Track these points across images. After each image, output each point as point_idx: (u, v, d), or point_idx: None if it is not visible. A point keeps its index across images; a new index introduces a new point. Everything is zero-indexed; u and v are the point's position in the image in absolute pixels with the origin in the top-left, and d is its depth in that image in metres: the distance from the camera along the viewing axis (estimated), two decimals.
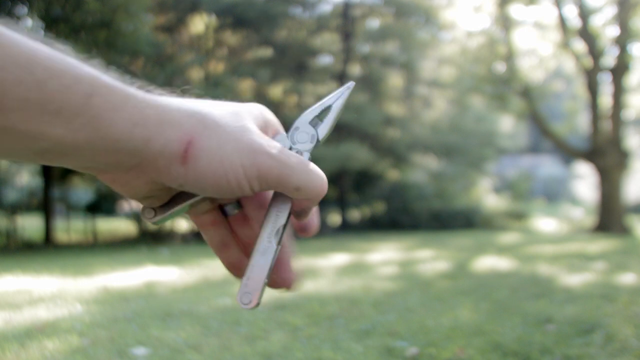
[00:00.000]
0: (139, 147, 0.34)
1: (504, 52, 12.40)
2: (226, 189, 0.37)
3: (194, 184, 0.36)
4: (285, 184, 0.38)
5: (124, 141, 0.33)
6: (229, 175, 0.36)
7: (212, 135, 0.36)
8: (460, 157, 13.82)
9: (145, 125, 0.34)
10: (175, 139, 0.35)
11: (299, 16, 13.44)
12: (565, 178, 26.69)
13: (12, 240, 9.55)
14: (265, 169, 0.37)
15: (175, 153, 0.35)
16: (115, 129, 0.32)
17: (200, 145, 0.36)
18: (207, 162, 0.36)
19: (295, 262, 0.44)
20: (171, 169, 0.35)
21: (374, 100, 13.41)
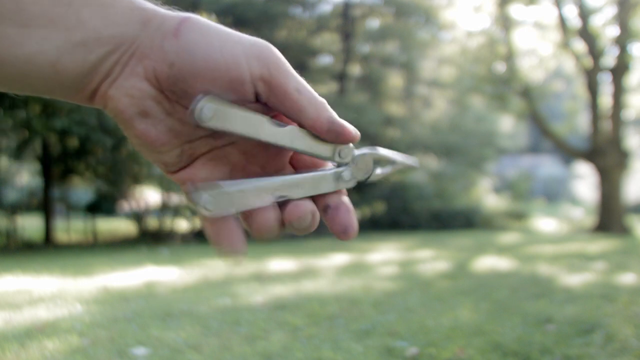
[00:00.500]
0: (137, 29, 0.35)
1: (504, 52, 12.40)
2: (219, 66, 0.35)
3: (185, 60, 0.35)
4: (287, 77, 0.36)
5: (124, 24, 0.35)
6: (225, 48, 0.35)
7: (210, 22, 0.36)
8: (460, 157, 13.82)
9: (144, 8, 0.35)
10: (171, 17, 0.36)
11: (299, 16, 13.44)
12: (565, 178, 26.69)
13: (12, 240, 9.55)
14: (266, 52, 0.36)
15: (170, 28, 0.35)
16: (118, 14, 0.34)
17: (195, 21, 0.36)
18: (200, 34, 0.35)
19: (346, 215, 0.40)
20: (164, 44, 0.35)
21: (374, 100, 13.41)
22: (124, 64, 0.35)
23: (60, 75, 0.34)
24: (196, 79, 0.35)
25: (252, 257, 6.23)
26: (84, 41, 0.34)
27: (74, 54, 0.34)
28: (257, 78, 0.36)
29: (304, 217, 0.38)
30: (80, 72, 0.35)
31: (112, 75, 0.36)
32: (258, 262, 5.64)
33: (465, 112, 14.80)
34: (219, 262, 5.81)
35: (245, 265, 5.52)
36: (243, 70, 0.35)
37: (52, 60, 0.33)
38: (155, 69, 0.35)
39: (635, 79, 12.41)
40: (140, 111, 0.36)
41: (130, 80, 0.36)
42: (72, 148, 10.12)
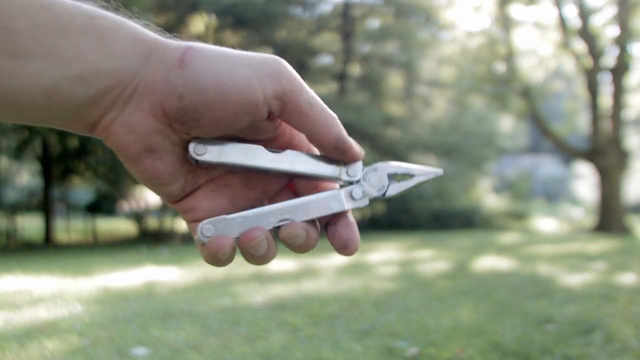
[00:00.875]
0: (139, 63, 0.34)
1: (504, 52, 12.40)
2: (231, 92, 0.34)
3: (194, 90, 0.34)
4: (300, 92, 0.36)
5: (125, 57, 0.33)
6: (234, 73, 0.34)
7: (214, 47, 0.35)
8: (460, 157, 13.80)
9: (146, 41, 0.34)
10: (174, 47, 0.34)
11: (299, 16, 13.44)
12: (565, 178, 26.68)
13: (12, 240, 9.55)
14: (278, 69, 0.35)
15: (173, 59, 0.34)
16: (118, 47, 0.33)
17: (200, 49, 0.35)
18: (207, 62, 0.34)
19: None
20: (170, 77, 0.34)
21: (374, 100, 13.41)
22: (127, 99, 0.34)
23: (55, 106, 0.33)
24: (208, 107, 0.34)
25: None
26: (81, 75, 0.32)
27: (70, 87, 0.32)
28: (271, 97, 0.35)
29: (295, 234, 0.38)
30: (78, 105, 0.33)
31: (114, 111, 0.34)
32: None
33: (465, 112, 14.79)
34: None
35: (245, 265, 5.52)
36: (256, 92, 0.34)
37: (47, 92, 0.32)
38: (163, 103, 0.34)
39: (635, 79, 12.41)
40: (146, 147, 0.35)
41: (134, 116, 0.34)
42: (72, 148, 10.12)
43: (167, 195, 0.38)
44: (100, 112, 0.34)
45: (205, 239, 0.36)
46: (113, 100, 0.34)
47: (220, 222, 0.37)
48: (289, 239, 0.38)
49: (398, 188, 0.42)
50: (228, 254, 0.37)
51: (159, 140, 0.35)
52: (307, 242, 0.38)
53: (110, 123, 0.35)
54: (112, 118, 0.34)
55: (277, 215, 0.38)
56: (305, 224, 0.38)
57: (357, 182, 0.40)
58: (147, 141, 0.35)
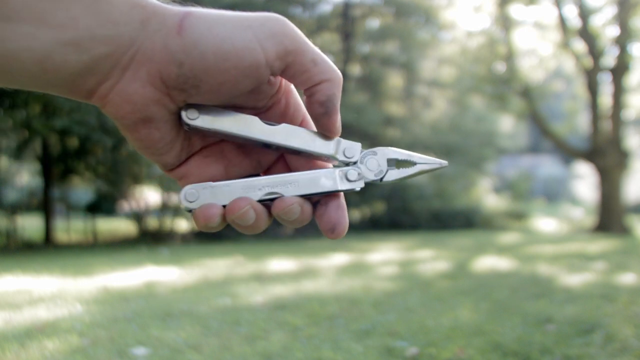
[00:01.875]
0: (136, 30, 0.32)
1: (504, 52, 12.40)
2: (231, 56, 0.33)
3: (194, 56, 0.33)
4: (303, 50, 0.35)
5: (122, 24, 0.32)
6: (234, 37, 0.33)
7: (212, 11, 0.34)
8: (460, 157, 13.80)
9: (143, 6, 0.33)
10: (172, 13, 0.33)
11: (299, 16, 13.44)
12: (565, 178, 26.68)
13: (12, 240, 9.55)
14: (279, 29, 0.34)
15: (172, 25, 0.33)
16: (114, 12, 0.32)
17: (198, 15, 0.34)
18: (207, 28, 0.33)
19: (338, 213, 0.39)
20: (168, 43, 0.33)
21: (374, 100, 13.40)
22: (124, 67, 0.33)
23: (48, 73, 0.32)
24: (208, 73, 0.33)
25: (252, 257, 6.23)
26: (75, 40, 0.31)
27: (64, 54, 0.31)
28: (274, 58, 0.34)
29: (289, 209, 0.37)
30: (72, 72, 0.32)
31: (111, 79, 0.33)
32: (258, 262, 5.64)
33: (465, 112, 14.79)
34: (219, 262, 5.81)
35: (245, 265, 5.52)
36: (257, 55, 0.34)
37: (39, 58, 0.31)
38: (162, 71, 0.33)
39: (635, 79, 12.42)
40: (143, 117, 0.35)
41: (132, 85, 0.33)
42: (72, 148, 10.12)
43: (163, 163, 0.38)
44: (96, 80, 0.33)
45: (188, 203, 0.36)
46: (110, 68, 0.33)
47: (205, 189, 0.37)
48: (283, 214, 0.37)
49: (397, 174, 0.41)
50: (217, 223, 0.36)
51: (156, 110, 0.35)
52: (302, 217, 0.38)
53: (107, 91, 0.34)
54: (109, 86, 0.34)
55: (266, 187, 0.37)
56: (299, 199, 0.38)
57: (354, 164, 0.40)
58: (144, 111, 0.35)
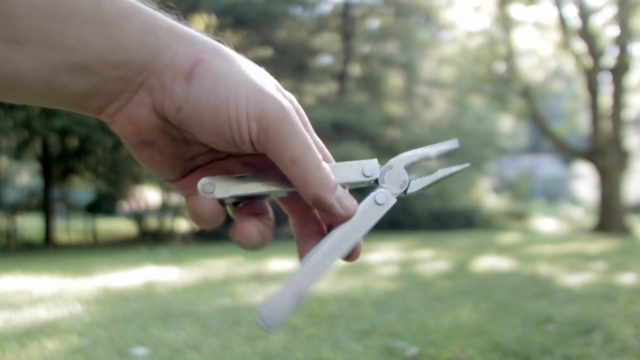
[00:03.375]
0: (148, 58, 0.32)
1: (504, 52, 12.40)
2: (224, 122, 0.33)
3: (192, 108, 0.33)
4: (284, 144, 0.34)
5: (133, 51, 0.32)
6: (230, 103, 0.33)
7: (224, 62, 0.34)
8: (460, 157, 13.77)
9: (157, 35, 0.32)
10: (186, 53, 0.33)
11: (299, 16, 13.43)
12: (565, 178, 26.68)
13: (12, 240, 9.55)
14: (270, 113, 0.33)
15: (183, 68, 0.33)
16: (126, 37, 0.31)
17: (210, 65, 0.33)
18: (212, 84, 0.33)
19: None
20: (175, 86, 0.33)
21: (374, 100, 13.40)
22: (133, 91, 0.33)
23: (55, 93, 0.32)
24: (200, 129, 0.34)
25: (252, 257, 6.23)
26: (84, 63, 0.31)
27: (71, 76, 0.31)
28: (255, 139, 0.34)
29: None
30: (79, 92, 0.32)
31: (119, 101, 0.33)
32: (258, 262, 5.64)
33: (465, 112, 14.79)
34: (219, 262, 5.81)
35: (245, 265, 5.52)
36: (243, 131, 0.33)
37: (46, 80, 0.31)
38: (164, 106, 0.33)
39: (635, 79, 12.42)
40: (146, 140, 0.35)
41: (137, 110, 0.34)
42: (72, 148, 10.12)
43: (165, 178, 0.39)
44: (104, 101, 0.33)
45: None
46: (118, 90, 0.33)
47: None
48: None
49: (420, 184, 0.40)
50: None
51: (158, 136, 0.35)
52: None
53: (114, 112, 0.34)
54: (116, 107, 0.34)
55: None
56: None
57: (377, 184, 0.39)
58: (147, 135, 0.35)
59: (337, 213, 0.37)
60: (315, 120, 13.27)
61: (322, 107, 11.82)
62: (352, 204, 0.38)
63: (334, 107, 11.75)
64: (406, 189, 0.39)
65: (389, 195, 0.39)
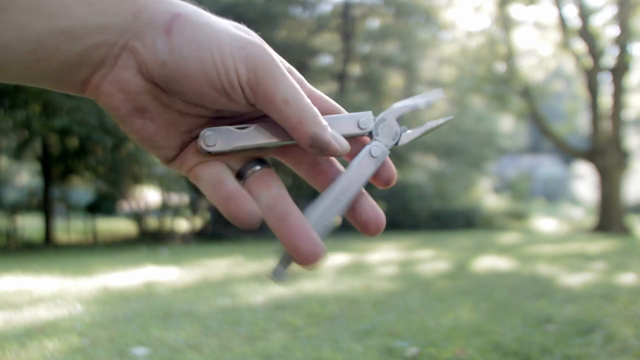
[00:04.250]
0: (127, 20, 0.33)
1: (504, 52, 12.40)
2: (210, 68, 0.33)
3: (177, 60, 0.33)
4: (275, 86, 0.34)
5: (113, 14, 0.32)
6: (214, 49, 0.33)
7: (203, 15, 0.34)
8: (460, 157, 13.81)
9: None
10: (163, 10, 0.34)
11: (299, 16, 13.43)
12: (565, 178, 26.68)
13: (12, 240, 9.55)
14: (255, 56, 0.34)
15: (162, 23, 0.33)
16: (106, 2, 0.32)
17: (189, 18, 0.34)
18: (192, 33, 0.33)
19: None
20: (156, 42, 0.33)
21: (374, 100, 13.41)
22: (116, 56, 0.33)
23: (41, 63, 0.32)
24: (189, 80, 0.33)
25: (252, 257, 6.23)
26: (68, 30, 0.31)
27: (57, 43, 0.31)
28: (245, 83, 0.34)
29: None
30: (65, 62, 0.32)
31: (103, 68, 0.34)
32: (258, 262, 5.64)
33: (465, 112, 14.79)
34: (219, 262, 5.81)
35: (245, 265, 5.52)
36: (231, 75, 0.33)
37: (32, 49, 0.31)
38: (147, 65, 0.33)
39: (635, 79, 12.42)
40: (137, 107, 0.35)
41: (123, 74, 0.34)
42: (72, 148, 10.12)
43: (163, 157, 0.38)
44: (89, 70, 0.34)
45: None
46: (102, 57, 0.33)
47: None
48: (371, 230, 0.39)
49: (410, 136, 0.41)
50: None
51: (149, 99, 0.35)
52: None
53: (100, 81, 0.34)
54: (101, 76, 0.34)
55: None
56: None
57: (369, 134, 0.40)
58: (137, 100, 0.35)
59: (334, 150, 0.36)
60: None
61: None
62: (345, 141, 0.38)
63: None
64: (398, 141, 0.41)
65: (383, 148, 0.40)
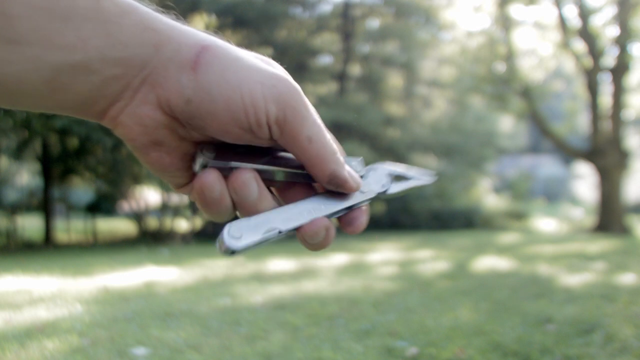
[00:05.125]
0: (149, 53, 0.32)
1: (504, 52, 12.40)
2: (239, 108, 0.32)
3: (203, 98, 0.32)
4: (301, 124, 0.34)
5: (133, 47, 0.31)
6: (244, 89, 0.32)
7: (230, 49, 0.34)
8: (460, 157, 13.80)
9: (156, 29, 0.32)
10: (188, 44, 0.33)
11: (299, 16, 13.43)
12: (565, 178, 26.68)
13: (12, 240, 9.55)
14: (286, 94, 0.33)
15: (187, 58, 0.32)
16: (125, 34, 0.31)
17: (215, 53, 0.33)
18: (221, 71, 0.32)
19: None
20: (181, 78, 0.32)
21: (374, 100, 13.41)
22: (135, 89, 0.33)
23: (57, 94, 0.31)
24: (213, 117, 0.33)
25: (252, 257, 6.23)
26: (84, 62, 0.30)
27: (72, 75, 0.31)
28: (273, 121, 0.34)
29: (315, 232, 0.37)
30: (81, 93, 0.32)
31: (122, 101, 0.33)
32: (258, 262, 5.63)
33: (465, 112, 14.79)
34: (218, 262, 5.81)
35: (245, 265, 5.52)
36: (261, 115, 0.33)
37: (47, 80, 0.30)
38: (170, 101, 0.33)
39: (635, 79, 12.41)
40: (153, 141, 0.35)
41: (142, 108, 0.33)
42: (72, 148, 10.12)
43: (175, 184, 0.38)
44: (107, 102, 0.33)
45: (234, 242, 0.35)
46: (120, 89, 0.32)
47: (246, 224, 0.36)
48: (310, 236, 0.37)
49: (397, 188, 0.43)
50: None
51: (166, 134, 0.34)
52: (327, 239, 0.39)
53: (118, 113, 0.33)
54: (120, 108, 0.33)
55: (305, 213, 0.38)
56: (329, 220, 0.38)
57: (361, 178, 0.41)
58: (154, 134, 0.34)
59: (350, 187, 0.38)
60: None
61: (322, 107, 11.81)
62: (359, 179, 0.39)
63: (334, 107, 11.75)
64: (386, 190, 0.42)
65: (372, 188, 0.41)
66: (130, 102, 0.33)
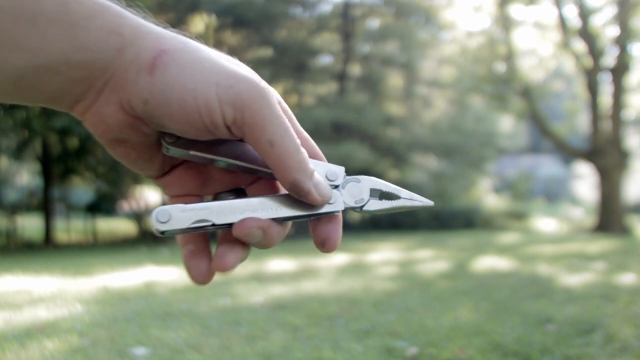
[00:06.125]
0: (112, 57, 0.32)
1: (504, 52, 12.40)
2: (192, 110, 0.32)
3: (158, 100, 0.32)
4: (262, 127, 0.33)
5: (97, 50, 0.32)
6: (198, 90, 0.32)
7: (190, 52, 0.33)
8: (460, 157, 13.80)
9: (121, 33, 0.32)
10: (148, 47, 0.33)
11: (299, 16, 13.44)
12: (565, 178, 26.68)
13: (12, 240, 9.55)
14: (245, 95, 0.32)
15: (145, 61, 0.32)
16: (91, 37, 0.31)
17: (173, 56, 0.33)
18: (176, 74, 0.32)
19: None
20: (139, 79, 0.32)
21: (374, 100, 13.40)
22: (98, 91, 0.33)
23: (23, 92, 0.32)
24: (170, 119, 0.33)
25: (252, 257, 6.22)
26: (48, 64, 0.31)
27: (37, 76, 0.31)
28: (230, 123, 0.33)
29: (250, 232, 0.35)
30: (47, 92, 0.32)
31: (86, 100, 0.34)
32: (258, 262, 5.63)
33: (465, 112, 14.79)
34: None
35: (245, 265, 5.52)
36: (216, 117, 0.33)
37: (12, 80, 0.31)
38: (131, 102, 0.33)
39: (635, 79, 12.41)
40: (118, 138, 0.35)
41: (106, 108, 0.34)
42: (72, 148, 10.12)
43: (146, 174, 0.39)
44: (72, 99, 0.34)
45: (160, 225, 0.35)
46: (84, 90, 0.33)
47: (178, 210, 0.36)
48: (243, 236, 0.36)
49: (378, 205, 0.40)
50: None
51: (130, 132, 0.35)
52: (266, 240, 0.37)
53: (84, 110, 0.34)
54: (85, 106, 0.34)
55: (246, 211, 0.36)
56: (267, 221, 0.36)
57: (335, 188, 0.39)
58: (118, 133, 0.35)
59: (313, 199, 0.36)
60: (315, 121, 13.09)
61: (322, 107, 11.82)
62: (328, 192, 0.37)
63: (333, 107, 11.75)
64: (362, 205, 0.39)
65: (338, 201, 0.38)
66: (94, 102, 0.34)
